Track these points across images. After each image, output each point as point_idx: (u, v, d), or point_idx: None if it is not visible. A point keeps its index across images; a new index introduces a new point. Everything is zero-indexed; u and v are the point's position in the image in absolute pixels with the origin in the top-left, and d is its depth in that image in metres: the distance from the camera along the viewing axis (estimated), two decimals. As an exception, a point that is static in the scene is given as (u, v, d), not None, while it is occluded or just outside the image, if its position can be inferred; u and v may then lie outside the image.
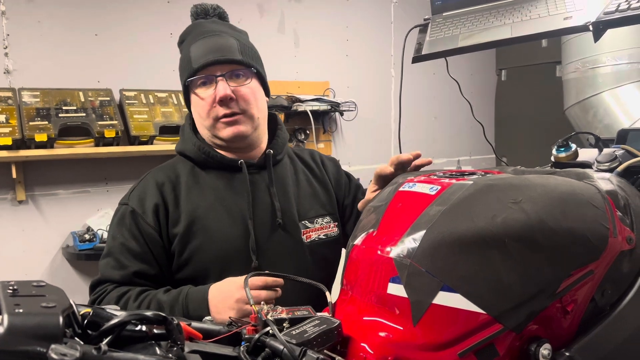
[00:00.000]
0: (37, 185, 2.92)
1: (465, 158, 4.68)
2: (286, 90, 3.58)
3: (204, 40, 1.21)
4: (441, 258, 0.73)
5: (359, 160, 4.01)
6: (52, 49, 2.93)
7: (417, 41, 1.45)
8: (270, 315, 0.76)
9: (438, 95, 4.27)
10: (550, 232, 0.73)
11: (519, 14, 1.35)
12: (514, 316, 0.72)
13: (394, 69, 4.21)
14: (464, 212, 0.75)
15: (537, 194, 0.76)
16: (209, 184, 1.23)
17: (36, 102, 2.78)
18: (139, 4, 3.15)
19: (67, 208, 3.01)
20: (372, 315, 0.77)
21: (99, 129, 2.79)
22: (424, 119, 4.41)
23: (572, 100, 3.33)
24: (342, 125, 3.91)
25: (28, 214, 2.91)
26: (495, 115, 4.91)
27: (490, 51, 4.80)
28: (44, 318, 0.49)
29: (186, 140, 1.28)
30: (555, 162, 1.26)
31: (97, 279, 1.18)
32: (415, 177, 0.89)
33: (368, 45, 4.02)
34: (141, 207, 1.18)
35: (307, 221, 1.27)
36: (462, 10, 1.47)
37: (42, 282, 0.61)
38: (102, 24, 3.05)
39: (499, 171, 0.99)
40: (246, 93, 1.21)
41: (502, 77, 4.83)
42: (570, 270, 0.74)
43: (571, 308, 0.76)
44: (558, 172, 0.91)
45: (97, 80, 3.04)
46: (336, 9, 3.89)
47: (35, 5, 2.87)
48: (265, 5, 3.60)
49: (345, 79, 3.92)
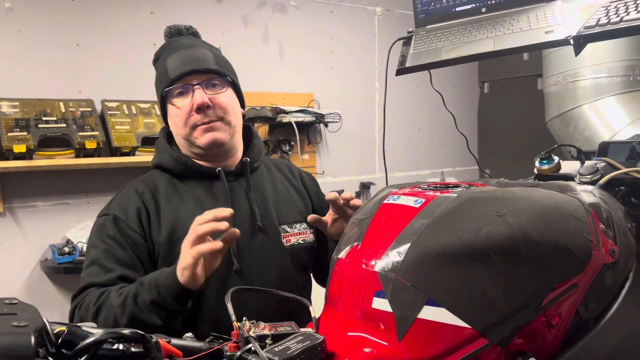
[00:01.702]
0: (15, 197, 2.86)
1: (449, 169, 4.71)
2: (271, 101, 3.57)
3: (180, 52, 1.23)
4: (426, 272, 0.73)
5: (344, 171, 4.01)
6: (33, 58, 2.88)
7: (401, 54, 1.46)
8: (252, 331, 0.74)
9: (421, 107, 4.29)
10: (534, 245, 0.73)
11: (502, 27, 1.36)
12: (499, 330, 0.72)
13: (378, 81, 4.23)
14: (448, 225, 0.75)
15: (521, 207, 0.76)
16: (188, 193, 1.24)
17: (15, 112, 2.73)
18: (122, 15, 3.12)
19: (46, 220, 2.95)
20: (357, 331, 0.76)
21: (80, 140, 2.75)
22: (407, 131, 4.43)
23: (554, 113, 3.37)
24: (327, 136, 3.91)
25: (5, 227, 2.84)
26: (478, 127, 4.96)
27: (473, 64, 4.86)
28: (14, 338, 0.47)
29: (162, 152, 1.28)
30: (538, 174, 1.27)
31: (80, 287, 1.15)
32: (400, 190, 0.89)
33: (352, 57, 4.04)
34: (124, 214, 1.18)
35: (287, 226, 1.29)
36: (446, 23, 1.48)
37: (15, 299, 0.59)
38: (83, 34, 3.02)
39: (483, 184, 0.99)
40: (223, 101, 1.23)
41: (484, 89, 4.89)
42: (554, 283, 0.74)
43: (556, 322, 0.76)
44: (541, 185, 0.91)
45: (79, 91, 3.00)
46: (321, 21, 3.91)
47: (15, 14, 2.84)
48: (249, 17, 3.60)
49: (330, 91, 3.93)
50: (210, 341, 0.78)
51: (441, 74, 4.99)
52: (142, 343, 0.58)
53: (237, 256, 1.18)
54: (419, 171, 4.59)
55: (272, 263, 1.23)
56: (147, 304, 1.03)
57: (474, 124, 4.94)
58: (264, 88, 3.61)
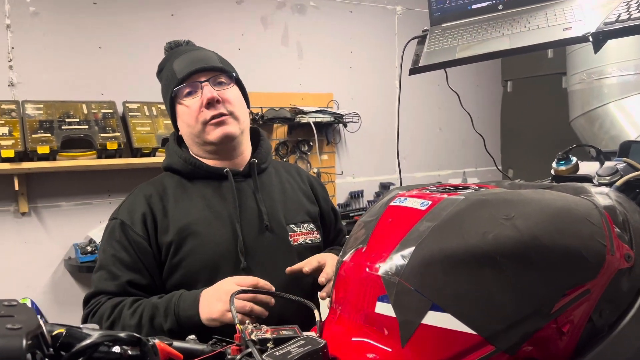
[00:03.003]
0: (40, 197, 2.92)
1: (471, 169, 4.64)
2: (290, 102, 3.58)
3: (185, 55, 1.28)
4: (431, 276, 0.71)
5: (363, 172, 3.99)
6: (56, 61, 2.94)
7: (415, 53, 1.44)
8: (254, 334, 0.73)
9: (443, 107, 4.25)
10: (543, 249, 0.70)
11: (518, 25, 1.33)
12: (507, 337, 0.69)
13: (398, 81, 4.19)
14: (454, 229, 0.73)
15: (531, 210, 0.73)
16: (196, 193, 1.26)
17: (39, 114, 2.79)
18: (143, 17, 3.17)
19: (70, 220, 3.01)
20: (361, 336, 0.75)
21: (102, 141, 2.80)
22: (429, 131, 4.39)
23: (578, 112, 3.29)
24: (346, 136, 3.89)
25: (31, 226, 2.91)
26: (501, 126, 4.88)
27: (495, 62, 4.78)
28: (6, 340, 0.47)
29: (171, 154, 1.32)
30: (556, 175, 1.23)
31: (91, 293, 1.20)
32: (407, 192, 0.87)
33: (372, 56, 4.01)
34: (130, 219, 1.21)
35: (294, 225, 1.30)
36: (461, 21, 1.46)
37: (14, 301, 0.59)
38: (106, 37, 3.07)
39: (495, 185, 0.96)
40: (230, 97, 1.26)
41: (507, 88, 4.81)
42: (565, 289, 0.71)
43: (567, 329, 0.73)
44: (555, 187, 0.89)
45: (101, 93, 3.06)
46: (340, 20, 3.90)
47: (40, 19, 2.90)
48: (269, 18, 3.61)
49: (349, 91, 3.91)
50: (213, 344, 0.77)
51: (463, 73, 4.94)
52: (139, 346, 0.58)
53: (245, 255, 1.20)
54: (441, 171, 4.54)
55: (279, 262, 1.23)
56: (164, 329, 1.08)
57: (497, 123, 4.86)
58: (283, 89, 3.62)
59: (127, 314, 1.11)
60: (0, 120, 2.68)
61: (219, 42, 3.39)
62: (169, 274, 1.19)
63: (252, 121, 3.36)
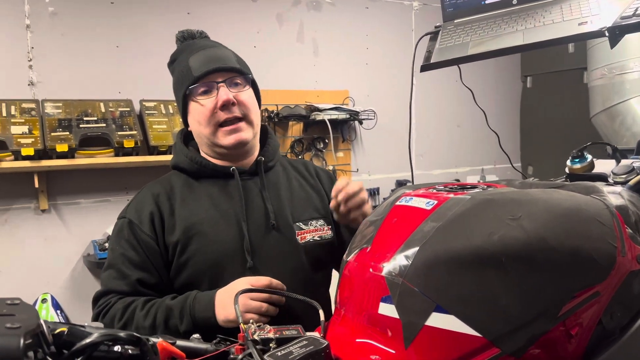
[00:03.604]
0: (60, 195, 2.97)
1: (490, 167, 4.59)
2: (305, 99, 3.57)
3: (203, 52, 1.25)
4: (434, 277, 0.70)
5: (379, 169, 3.97)
6: (75, 60, 2.98)
7: (427, 49, 1.42)
8: (257, 334, 0.73)
9: (461, 103, 4.19)
10: (551, 250, 0.69)
11: (533, 20, 1.30)
12: (512, 340, 0.68)
13: (416, 77, 4.15)
14: (459, 229, 0.72)
15: (538, 210, 0.72)
16: (203, 192, 1.26)
17: (58, 113, 2.84)
18: (159, 16, 3.19)
19: (89, 217, 3.05)
20: (364, 337, 0.74)
21: (119, 139, 2.83)
22: (446, 127, 4.34)
23: (599, 108, 3.22)
24: (362, 134, 3.87)
25: (50, 223, 2.96)
26: (520, 123, 4.81)
27: (515, 58, 4.71)
28: (4, 340, 0.48)
29: (178, 153, 1.31)
30: (570, 173, 1.20)
31: (100, 291, 1.20)
32: (414, 191, 0.86)
33: (388, 53, 3.98)
34: (138, 218, 1.21)
35: (301, 223, 1.28)
36: (474, 17, 1.43)
37: (17, 299, 0.60)
38: (123, 36, 3.10)
39: (504, 185, 0.95)
40: (245, 99, 1.25)
41: (527, 84, 4.73)
42: (573, 291, 0.70)
43: (576, 332, 0.71)
44: (566, 186, 0.87)
45: (118, 91, 3.09)
46: (356, 17, 3.88)
47: (59, 19, 2.94)
48: (284, 15, 3.60)
49: (365, 88, 3.89)
50: (217, 343, 0.78)
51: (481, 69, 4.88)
52: (138, 346, 0.58)
53: (251, 254, 1.19)
54: (459, 168, 4.49)
55: (286, 261, 1.22)
56: (180, 331, 1.09)
57: (516, 119, 4.79)
58: (299, 86, 3.62)
59: (141, 316, 1.11)
60: (21, 119, 2.73)
61: (235, 39, 3.40)
62: (176, 273, 1.19)
63: (268, 119, 3.37)
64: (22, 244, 2.88)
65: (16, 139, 2.64)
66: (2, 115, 2.71)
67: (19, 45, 2.86)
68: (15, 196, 2.86)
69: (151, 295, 1.18)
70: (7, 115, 2.72)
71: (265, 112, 3.37)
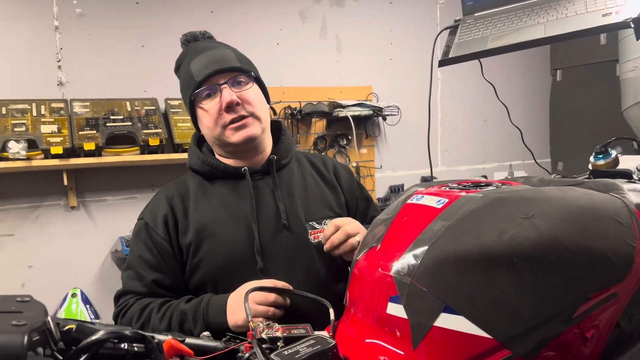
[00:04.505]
0: (88, 192, 3.04)
1: (518, 162, 4.49)
2: (328, 96, 3.56)
3: (202, 55, 1.24)
4: (443, 277, 0.69)
5: (403, 165, 3.93)
6: (102, 60, 3.04)
7: (446, 44, 1.40)
8: (265, 333, 0.73)
9: (487, 98, 4.12)
10: (564, 250, 0.66)
11: (555, 12, 1.27)
12: (524, 342, 0.66)
13: (441, 71, 4.10)
14: (469, 228, 0.70)
15: (552, 209, 0.69)
16: (215, 193, 1.26)
17: (86, 112, 2.90)
18: (183, 16, 3.22)
19: (116, 214, 3.11)
20: (373, 337, 0.74)
21: (144, 138, 2.88)
22: (472, 122, 4.27)
23: (631, 101, 3.11)
24: (386, 130, 3.84)
25: (79, 220, 3.03)
26: (550, 117, 4.69)
27: (544, 51, 4.60)
28: (8, 337, 0.49)
29: (192, 155, 1.32)
30: (593, 170, 1.17)
31: (120, 291, 1.23)
32: (426, 189, 0.84)
33: (413, 48, 3.93)
34: (153, 220, 1.23)
35: (315, 222, 1.27)
36: (495, 10, 1.40)
37: (27, 297, 0.61)
38: (148, 35, 3.15)
39: (522, 182, 0.92)
40: (250, 97, 1.24)
41: (557, 77, 4.61)
42: (588, 293, 0.67)
43: (591, 334, 0.69)
44: (585, 183, 0.84)
45: (144, 90, 3.14)
46: (379, 12, 3.84)
47: (86, 20, 3.00)
48: (307, 11, 3.60)
49: (389, 83, 3.85)
50: (226, 341, 0.78)
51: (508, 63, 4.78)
52: (144, 344, 0.59)
53: (262, 255, 1.19)
54: (485, 164, 4.42)
55: (298, 261, 1.22)
56: (195, 335, 1.07)
57: (545, 114, 4.68)
58: (322, 83, 3.61)
59: (156, 318, 1.13)
60: (50, 118, 2.80)
61: (258, 37, 3.42)
62: (190, 275, 1.20)
63: (290, 116, 3.37)
64: (53, 240, 2.96)
65: (46, 138, 2.71)
66: (32, 115, 2.78)
67: (49, 46, 2.93)
68: (45, 193, 2.94)
69: (167, 296, 1.19)
70: (37, 114, 2.79)
71: (288, 109, 3.38)
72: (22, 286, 2.88)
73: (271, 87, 1.33)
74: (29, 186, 2.88)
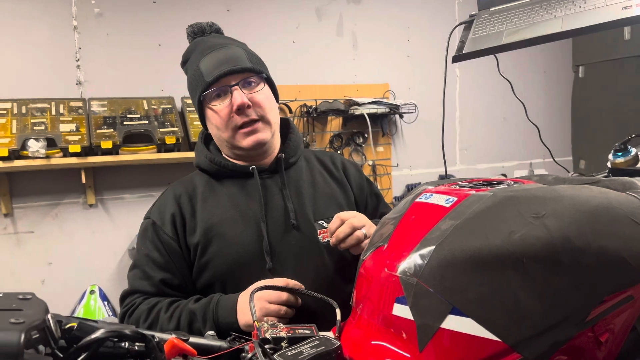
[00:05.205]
0: (106, 190, 3.07)
1: (539, 161, 4.42)
2: (344, 93, 3.54)
3: (212, 54, 1.21)
4: (451, 278, 0.67)
5: (420, 163, 3.89)
6: (119, 59, 3.07)
7: (460, 39, 1.37)
8: (269, 333, 0.72)
9: (505, 95, 4.05)
10: (576, 251, 0.64)
11: (573, 5, 1.23)
12: (535, 345, 0.64)
13: (459, 68, 4.05)
14: (478, 227, 0.68)
15: (564, 208, 0.67)
16: (223, 192, 1.25)
17: (103, 111, 2.93)
18: (200, 14, 3.23)
19: (133, 211, 3.14)
20: (379, 339, 0.72)
21: (161, 136, 2.90)
22: (491, 120, 4.21)
23: (656, 98, 3.03)
24: (403, 127, 3.81)
25: (98, 217, 3.07)
26: (572, 114, 4.59)
27: (566, 47, 4.51)
28: (4, 335, 0.49)
29: (199, 154, 1.31)
30: (612, 168, 1.14)
31: (127, 291, 1.22)
32: (435, 187, 0.82)
33: (431, 45, 3.88)
34: (160, 219, 1.21)
35: (324, 221, 1.25)
36: (511, 4, 1.37)
37: (30, 294, 0.61)
38: (164, 35, 3.17)
39: (536, 180, 0.90)
40: (261, 100, 1.21)
41: (579, 73, 4.51)
42: (602, 295, 0.65)
43: (605, 338, 0.67)
44: (601, 182, 0.81)
45: (161, 89, 3.16)
46: (396, 8, 3.80)
47: (104, 19, 3.03)
48: (323, 9, 3.58)
49: (406, 81, 3.82)
50: (231, 340, 0.77)
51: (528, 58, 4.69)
52: (144, 343, 0.58)
53: (271, 255, 1.17)
54: (505, 163, 4.35)
55: (307, 260, 1.20)
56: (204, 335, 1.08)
57: (567, 111, 4.58)
58: (338, 80, 3.59)
59: (165, 318, 1.12)
60: (69, 117, 2.84)
61: (274, 35, 3.42)
62: (198, 274, 1.19)
63: (306, 114, 3.36)
64: (72, 237, 3.00)
65: (64, 137, 2.74)
66: (51, 113, 2.82)
67: (68, 46, 2.97)
68: (64, 191, 2.98)
69: (175, 295, 1.18)
70: (56, 113, 2.83)
71: (304, 107, 3.37)
72: (42, 282, 2.93)
73: (287, 85, 1.31)
74: (48, 184, 2.93)
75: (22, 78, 2.87)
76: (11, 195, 2.87)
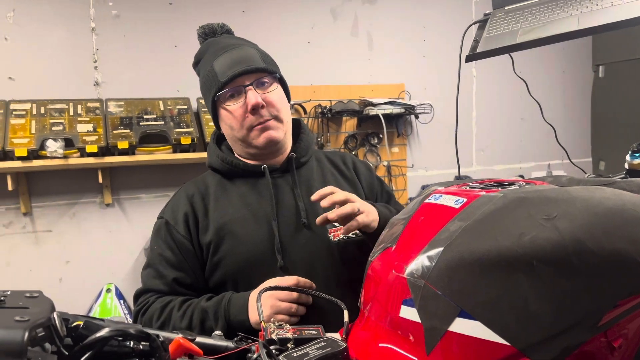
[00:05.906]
0: (122, 190, 3.11)
1: (557, 162, 4.35)
2: (359, 94, 3.53)
3: (226, 55, 1.22)
4: (459, 280, 0.66)
5: (436, 164, 3.86)
6: (136, 60, 3.10)
7: (474, 38, 1.36)
8: (275, 334, 0.72)
9: (523, 95, 4.00)
10: (589, 254, 0.62)
11: (589, 3, 1.21)
12: (545, 350, 0.62)
13: (475, 68, 4.01)
14: (487, 229, 0.67)
15: (576, 210, 0.65)
16: (235, 192, 1.26)
17: (120, 111, 2.96)
18: (215, 15, 3.25)
19: (149, 211, 3.17)
20: (386, 341, 0.71)
21: (176, 136, 2.92)
22: (509, 121, 4.16)
23: (678, 97, 2.96)
24: (418, 128, 3.78)
25: (114, 217, 3.10)
26: (591, 115, 4.52)
27: (585, 46, 4.44)
28: (8, 332, 0.49)
29: (211, 153, 1.32)
30: (630, 169, 1.11)
31: (140, 290, 1.24)
32: (445, 188, 0.81)
33: (447, 45, 3.85)
34: (173, 219, 1.22)
35: None
36: (526, 3, 1.35)
37: (37, 292, 0.62)
38: (180, 36, 3.19)
39: (550, 181, 0.88)
40: (274, 100, 1.22)
41: (599, 73, 4.43)
42: (615, 299, 0.63)
43: (619, 343, 0.65)
44: (616, 183, 0.79)
45: (176, 90, 3.18)
46: (412, 8, 3.78)
47: (121, 20, 3.07)
48: (338, 9, 3.57)
49: (422, 81, 3.79)
50: (238, 340, 0.77)
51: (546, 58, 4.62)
52: (148, 342, 0.58)
53: (282, 253, 1.18)
54: (522, 164, 4.29)
55: (318, 259, 1.20)
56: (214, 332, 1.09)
57: (587, 111, 4.51)
58: (353, 81, 3.58)
59: (177, 316, 1.13)
60: (86, 117, 2.87)
61: (289, 36, 3.42)
62: (211, 273, 1.20)
63: (321, 114, 3.35)
64: (89, 236, 3.04)
65: (82, 137, 2.78)
66: (69, 114, 2.86)
67: (85, 47, 3.01)
68: (82, 191, 3.02)
69: (188, 294, 1.19)
70: (74, 114, 2.87)
71: (318, 107, 3.36)
72: (60, 281, 2.97)
73: (302, 85, 1.31)
74: (66, 184, 2.97)
75: (41, 79, 2.92)
76: (30, 194, 2.92)
